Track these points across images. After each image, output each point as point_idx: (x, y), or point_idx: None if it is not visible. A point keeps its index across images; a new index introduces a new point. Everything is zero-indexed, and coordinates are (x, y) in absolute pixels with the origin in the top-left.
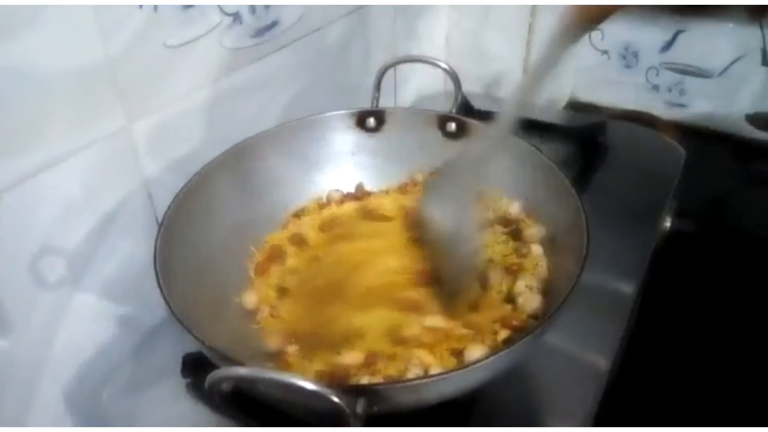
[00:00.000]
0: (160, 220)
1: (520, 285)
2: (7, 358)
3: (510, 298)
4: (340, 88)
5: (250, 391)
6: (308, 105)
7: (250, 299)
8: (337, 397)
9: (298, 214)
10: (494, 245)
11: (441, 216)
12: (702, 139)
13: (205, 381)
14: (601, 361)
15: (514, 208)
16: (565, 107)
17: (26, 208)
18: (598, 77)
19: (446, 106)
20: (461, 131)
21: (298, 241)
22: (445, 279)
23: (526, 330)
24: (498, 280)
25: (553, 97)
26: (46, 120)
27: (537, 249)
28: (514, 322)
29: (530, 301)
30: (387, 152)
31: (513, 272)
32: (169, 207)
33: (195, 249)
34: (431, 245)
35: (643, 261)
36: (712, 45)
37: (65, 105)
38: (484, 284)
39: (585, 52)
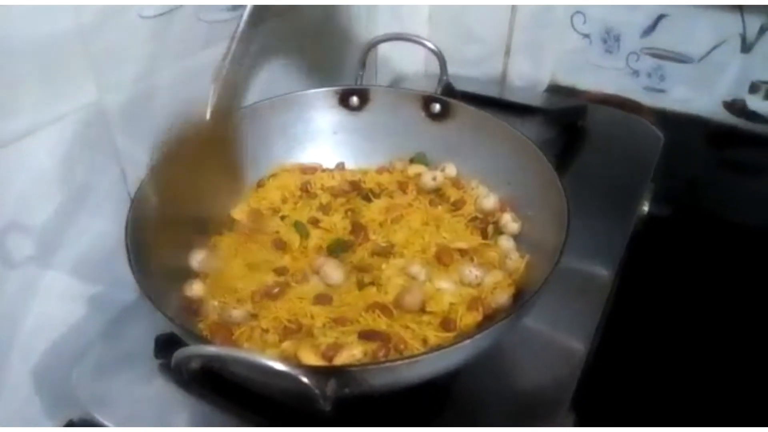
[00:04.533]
0: (132, 196)
1: (489, 280)
2: None
3: None
4: (320, 66)
5: (222, 370)
6: (287, 82)
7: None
8: (306, 377)
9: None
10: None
11: None
12: (680, 125)
13: (172, 358)
14: (578, 345)
15: (489, 202)
16: (545, 90)
17: None
18: (578, 61)
19: (425, 86)
20: (445, 113)
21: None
22: None
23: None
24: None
25: (533, 80)
26: (16, 90)
27: (507, 243)
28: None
29: (497, 296)
30: (369, 132)
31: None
32: (142, 182)
33: (167, 225)
34: None
35: (621, 245)
36: (693, 31)
37: (36, 75)
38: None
39: (566, 36)
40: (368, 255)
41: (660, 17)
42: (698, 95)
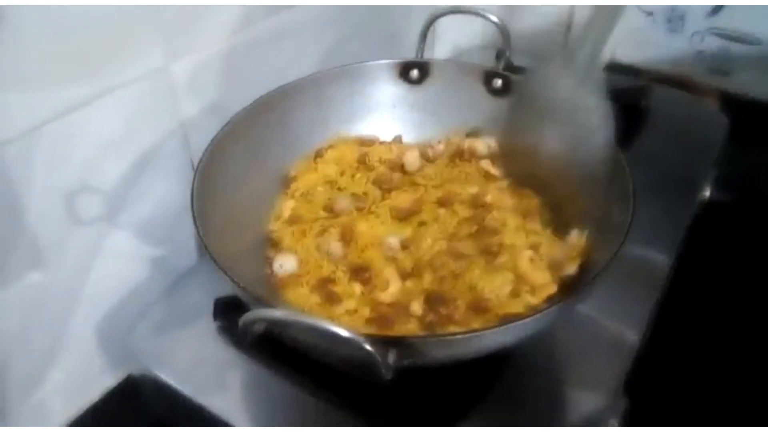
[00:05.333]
0: (195, 162)
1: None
2: (41, 293)
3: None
4: (379, 38)
5: (281, 336)
6: (346, 54)
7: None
8: (370, 345)
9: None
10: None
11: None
12: (744, 108)
13: (239, 321)
14: (630, 332)
15: None
16: (605, 68)
17: (65, 143)
18: (641, 39)
19: (482, 60)
20: (507, 88)
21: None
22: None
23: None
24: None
25: None
26: (87, 54)
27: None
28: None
29: (566, 268)
30: (428, 105)
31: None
32: (207, 149)
33: (230, 192)
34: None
35: (680, 230)
36: (762, 12)
37: (107, 40)
38: None
39: (629, 13)
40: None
41: None
42: (765, 79)
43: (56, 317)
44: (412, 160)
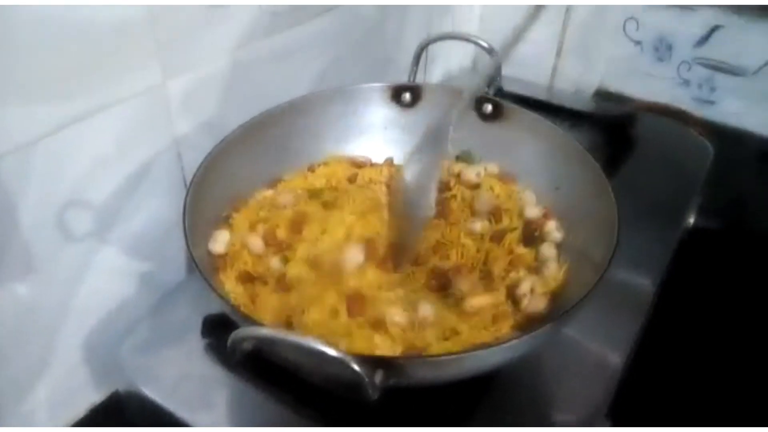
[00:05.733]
0: (188, 179)
1: (525, 286)
2: (31, 305)
3: (513, 297)
4: (373, 61)
5: (270, 355)
6: (340, 76)
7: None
8: (358, 365)
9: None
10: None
11: (407, 177)
12: (729, 138)
13: (228, 339)
14: (614, 357)
15: (533, 211)
16: (593, 96)
17: (59, 158)
18: (628, 68)
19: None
20: (497, 114)
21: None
22: (398, 236)
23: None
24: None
25: (582, 85)
26: (85, 70)
27: (549, 251)
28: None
29: (534, 303)
30: (419, 128)
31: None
32: (200, 167)
33: (219, 209)
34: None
35: (665, 257)
36: (748, 43)
37: (104, 56)
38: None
39: (618, 41)
40: None
41: (715, 28)
42: (750, 109)
43: (44, 330)
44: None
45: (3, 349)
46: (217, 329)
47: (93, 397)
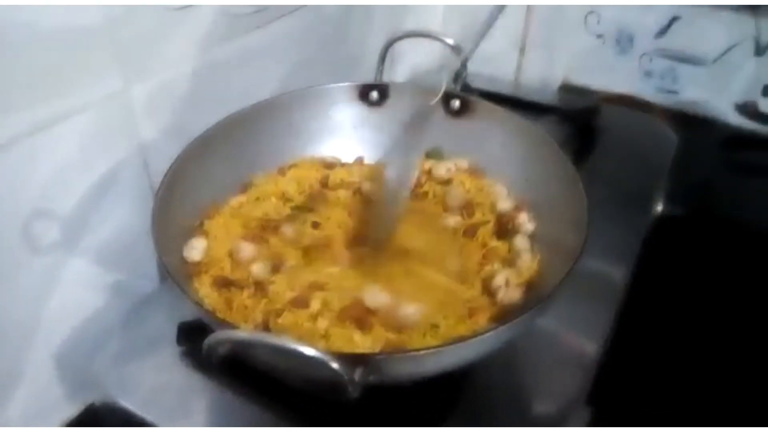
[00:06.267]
0: (155, 186)
1: (500, 279)
2: None
3: (488, 290)
4: (338, 61)
5: (246, 358)
6: (306, 77)
7: None
8: (337, 363)
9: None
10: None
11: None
12: (692, 126)
13: (203, 343)
14: (591, 345)
15: (505, 204)
16: (558, 90)
17: (20, 169)
18: (591, 61)
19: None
20: (465, 109)
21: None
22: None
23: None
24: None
25: (546, 80)
26: (43, 78)
27: (522, 242)
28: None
29: (509, 294)
30: (388, 127)
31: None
32: (166, 173)
33: (190, 216)
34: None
35: (635, 245)
36: (707, 33)
37: (63, 63)
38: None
39: (580, 36)
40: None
41: (674, 19)
42: (711, 97)
43: (14, 346)
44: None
45: None
46: (193, 336)
47: (68, 410)
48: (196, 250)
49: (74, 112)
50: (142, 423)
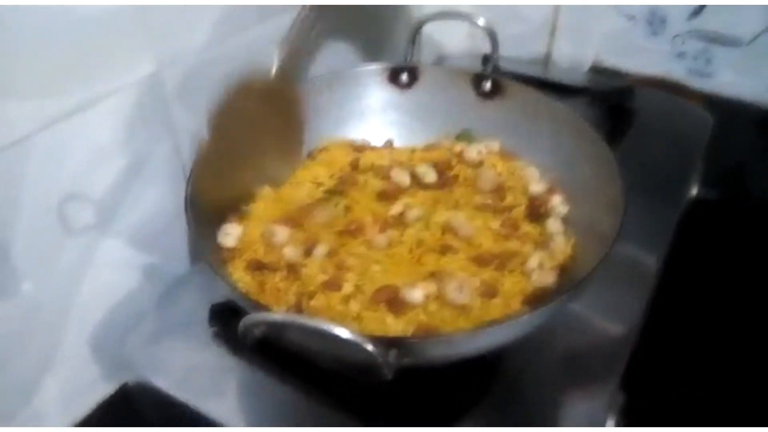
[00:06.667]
0: (186, 169)
1: (533, 261)
2: (33, 302)
3: (522, 273)
4: (367, 43)
5: (280, 340)
6: (335, 59)
7: None
8: (372, 346)
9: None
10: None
11: None
12: (726, 109)
13: (239, 325)
14: (623, 331)
15: (537, 187)
16: (589, 71)
17: (55, 152)
18: (623, 43)
19: (469, 64)
20: (496, 91)
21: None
22: None
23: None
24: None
25: (577, 61)
26: (77, 62)
27: (555, 225)
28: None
29: (543, 277)
30: (418, 110)
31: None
32: (197, 156)
33: (222, 198)
34: None
35: (669, 229)
36: (742, 13)
37: (97, 48)
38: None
39: (611, 17)
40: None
41: None
42: (746, 79)
43: (49, 327)
44: (401, 178)
45: (10, 346)
46: (225, 317)
47: (103, 390)
48: (230, 236)
49: (106, 96)
50: (174, 403)
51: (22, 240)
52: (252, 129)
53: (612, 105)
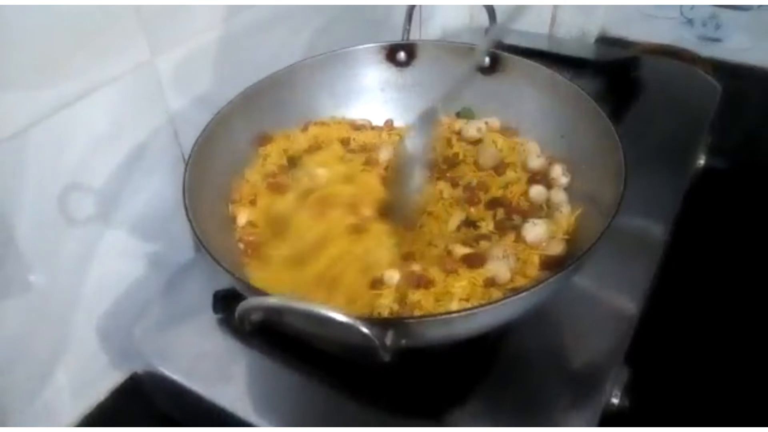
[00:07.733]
0: (185, 156)
1: (538, 231)
2: (41, 295)
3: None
4: (364, 22)
5: (279, 324)
6: (331, 39)
7: None
8: (367, 328)
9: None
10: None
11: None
12: (737, 75)
13: (236, 311)
14: (629, 303)
15: (536, 162)
16: (596, 41)
17: (53, 144)
18: (629, 11)
19: (471, 40)
20: (495, 66)
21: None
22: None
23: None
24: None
25: (582, 32)
26: (71, 52)
27: (559, 195)
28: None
29: (552, 247)
30: (417, 88)
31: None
32: (196, 142)
33: (221, 183)
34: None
35: (676, 199)
36: None
37: (90, 37)
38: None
39: None
40: None
41: None
42: (757, 44)
43: (58, 318)
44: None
45: (21, 339)
46: (229, 303)
47: (113, 379)
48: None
49: (102, 85)
50: (183, 390)
51: (26, 233)
52: None
53: (618, 76)
